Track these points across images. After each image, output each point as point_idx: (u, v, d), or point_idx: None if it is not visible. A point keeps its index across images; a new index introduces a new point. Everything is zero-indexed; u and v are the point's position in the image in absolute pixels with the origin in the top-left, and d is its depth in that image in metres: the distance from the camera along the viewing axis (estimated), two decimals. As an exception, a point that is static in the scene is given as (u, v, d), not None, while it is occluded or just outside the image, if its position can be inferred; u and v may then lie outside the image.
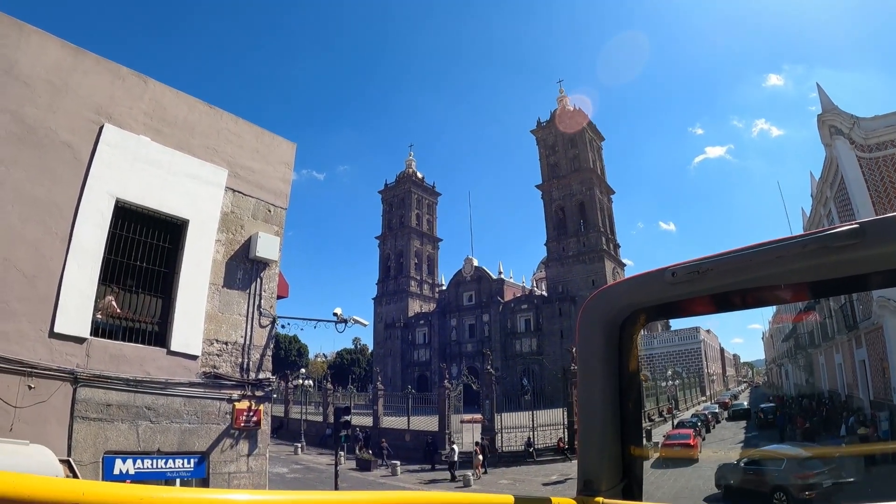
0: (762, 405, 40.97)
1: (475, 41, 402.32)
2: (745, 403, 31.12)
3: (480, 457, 34.41)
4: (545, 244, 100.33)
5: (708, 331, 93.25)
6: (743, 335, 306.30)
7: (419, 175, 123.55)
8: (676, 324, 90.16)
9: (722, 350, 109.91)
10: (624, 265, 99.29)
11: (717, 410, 49.40)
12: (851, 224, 1.20)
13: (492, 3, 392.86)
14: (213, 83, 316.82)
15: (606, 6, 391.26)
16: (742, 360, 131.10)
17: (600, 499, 1.59)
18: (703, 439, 34.56)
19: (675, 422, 43.77)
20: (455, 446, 35.03)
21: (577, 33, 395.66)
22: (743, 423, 29.18)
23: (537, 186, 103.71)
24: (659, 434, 35.95)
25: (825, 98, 25.53)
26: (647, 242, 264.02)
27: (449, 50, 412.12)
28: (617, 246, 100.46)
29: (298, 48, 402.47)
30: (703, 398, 76.68)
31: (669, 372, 65.56)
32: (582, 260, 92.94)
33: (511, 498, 1.72)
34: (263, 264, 12.43)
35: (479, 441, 36.50)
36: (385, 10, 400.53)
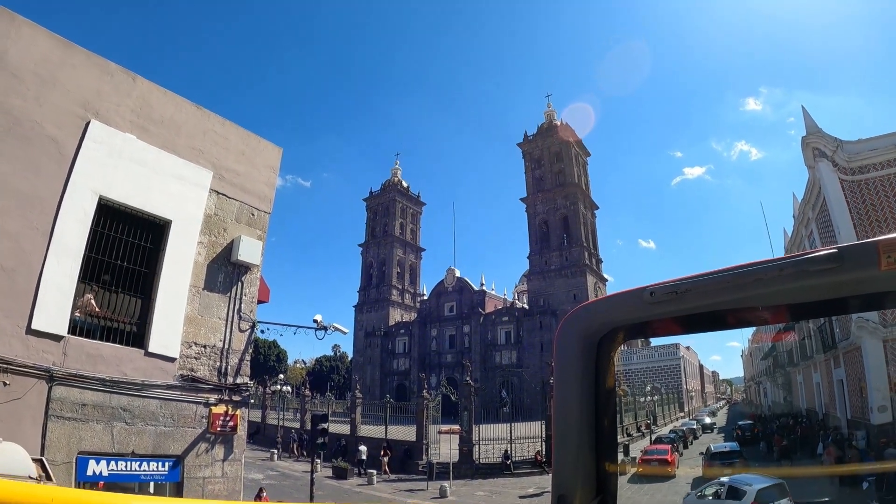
0: (740, 423, 41.27)
1: (462, 52, 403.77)
2: (734, 444, 30.30)
3: (385, 458, 38.31)
4: (528, 257, 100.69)
5: (687, 347, 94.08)
6: (722, 352, 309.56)
7: (404, 184, 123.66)
8: (656, 340, 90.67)
9: (701, 367, 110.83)
10: (606, 280, 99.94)
11: (695, 427, 49.69)
12: (829, 248, 1.21)
13: (479, 15, 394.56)
14: (197, 84, 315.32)
15: (591, 25, 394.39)
16: (721, 377, 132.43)
17: None
18: (681, 455, 34.75)
19: (653, 437, 43.97)
20: (363, 447, 40.20)
21: (562, 50, 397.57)
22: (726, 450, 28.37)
23: (522, 199, 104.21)
24: (637, 449, 36.10)
25: (809, 121, 25.94)
26: (628, 259, 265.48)
27: (436, 60, 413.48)
28: (599, 261, 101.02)
29: (285, 53, 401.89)
30: (682, 414, 77.28)
31: (648, 387, 65.96)
32: (564, 274, 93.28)
33: None
34: (245, 268, 12.37)
35: (384, 446, 39.96)
36: (371, 16, 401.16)
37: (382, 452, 39.10)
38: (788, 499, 17.08)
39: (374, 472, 35.94)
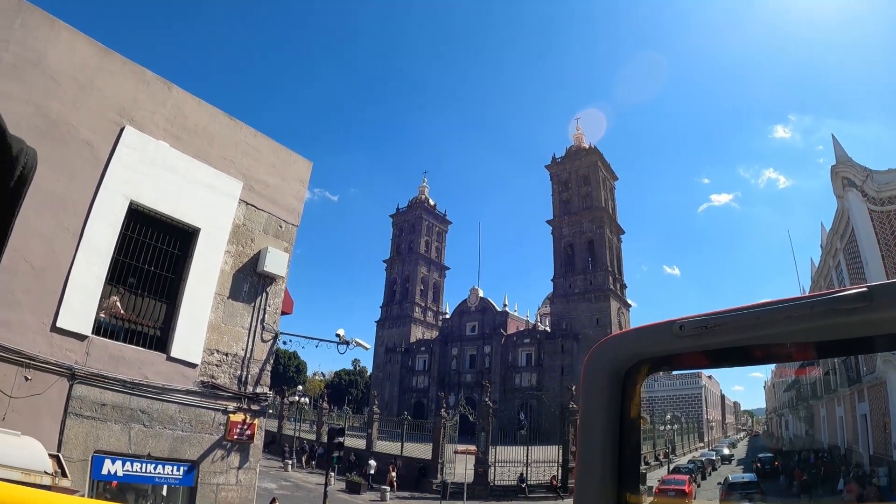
0: (760, 455, 40.53)
1: (493, 74, 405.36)
2: (752, 476, 30.04)
3: (393, 474, 38.17)
4: (552, 280, 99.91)
5: (709, 377, 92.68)
6: (744, 383, 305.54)
7: (431, 202, 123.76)
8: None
9: (723, 396, 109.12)
10: (629, 306, 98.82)
11: (714, 458, 48.83)
12: (860, 287, 1.21)
13: (511, 38, 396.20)
14: (232, 95, 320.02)
15: (621, 48, 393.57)
16: (742, 408, 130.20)
17: None
18: (699, 486, 34.18)
19: (671, 467, 43.32)
20: (372, 461, 40.69)
21: (592, 73, 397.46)
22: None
23: (548, 222, 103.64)
24: (654, 478, 35.57)
25: (839, 149, 25.57)
26: (651, 286, 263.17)
27: (466, 81, 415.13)
28: (623, 286, 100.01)
29: (321, 69, 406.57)
30: (701, 444, 75.99)
31: (668, 416, 64.90)
32: (587, 298, 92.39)
33: None
34: (270, 279, 12.47)
35: (392, 462, 40.13)
36: (405, 38, 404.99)
37: (391, 468, 39.01)
38: None
39: (388, 488, 35.77)
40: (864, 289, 1.20)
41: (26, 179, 1.27)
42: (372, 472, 39.37)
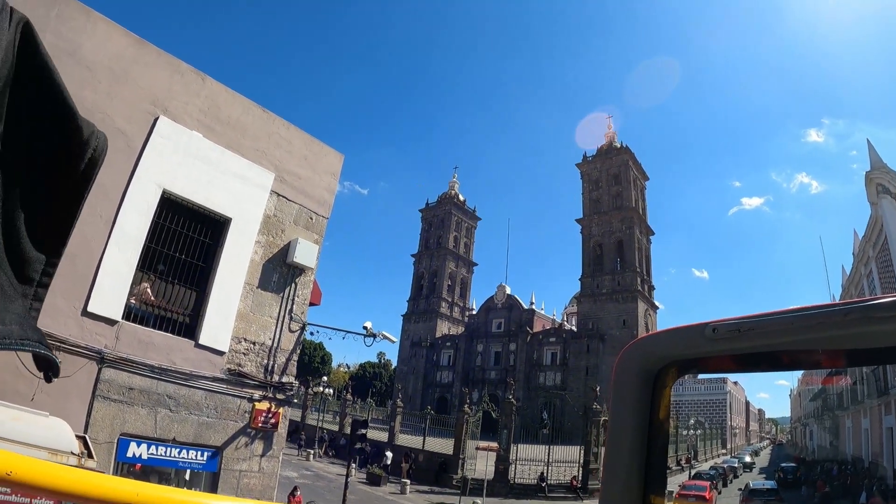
0: (783, 465, 40.07)
1: (523, 72, 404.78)
2: (773, 483, 30.41)
3: (405, 465, 38.96)
4: (580, 279, 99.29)
5: (735, 383, 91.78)
6: (770, 390, 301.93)
7: (461, 197, 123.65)
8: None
9: (747, 403, 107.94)
10: (657, 308, 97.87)
11: (736, 465, 48.30)
12: (894, 296, 1.21)
13: (547, 40, 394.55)
14: (266, 88, 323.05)
15: (657, 49, 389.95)
16: (766, 416, 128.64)
17: None
18: (719, 493, 33.86)
19: (693, 472, 42.93)
20: (389, 453, 41.57)
21: (626, 71, 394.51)
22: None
23: (577, 220, 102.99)
24: (675, 483, 35.30)
25: (874, 155, 25.01)
26: (680, 288, 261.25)
27: (497, 77, 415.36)
28: (651, 287, 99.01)
29: (357, 64, 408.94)
30: (724, 451, 75.22)
31: (692, 421, 64.33)
32: (615, 298, 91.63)
33: None
34: (299, 270, 12.57)
35: (406, 453, 40.75)
36: (441, 35, 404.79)
37: (403, 460, 39.29)
38: None
39: (407, 481, 35.93)
40: None
41: (97, 162, 1.32)
42: (388, 462, 39.84)
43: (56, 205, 1.39)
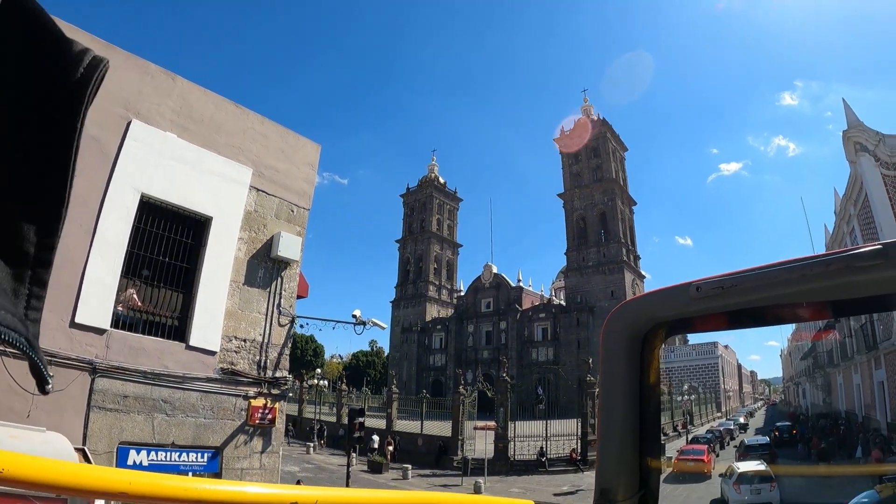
0: (778, 424, 40.69)
1: (497, 48, 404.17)
2: (765, 438, 32.74)
3: (391, 448, 40.25)
4: (565, 253, 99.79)
5: (726, 346, 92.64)
6: (760, 352, 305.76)
7: (441, 180, 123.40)
8: (694, 338, 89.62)
9: (739, 366, 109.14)
10: (644, 277, 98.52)
11: (731, 427, 49.00)
12: (875, 245, 1.21)
13: (518, 15, 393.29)
14: (237, 84, 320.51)
15: (621, 25, 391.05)
16: (759, 378, 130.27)
17: None
18: (717, 455, 34.31)
19: (689, 437, 43.43)
20: (375, 437, 41.94)
21: (599, 45, 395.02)
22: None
23: (559, 195, 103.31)
24: (673, 449, 35.71)
25: (851, 114, 25.17)
26: (665, 257, 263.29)
27: (470, 57, 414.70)
28: (637, 257, 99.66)
29: (323, 53, 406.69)
30: (719, 414, 76.17)
31: (685, 386, 65.02)
32: (601, 270, 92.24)
33: (531, 502, 1.74)
34: (284, 264, 12.51)
35: (389, 435, 42.31)
36: (407, 17, 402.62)
37: (387, 442, 39.86)
38: (770, 485, 18.69)
39: (409, 466, 36.12)
40: (880, 246, 1.19)
41: (88, 81, 1.06)
42: (375, 446, 40.81)
43: (45, 150, 1.06)
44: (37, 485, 0.90)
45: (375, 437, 41.69)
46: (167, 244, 10.56)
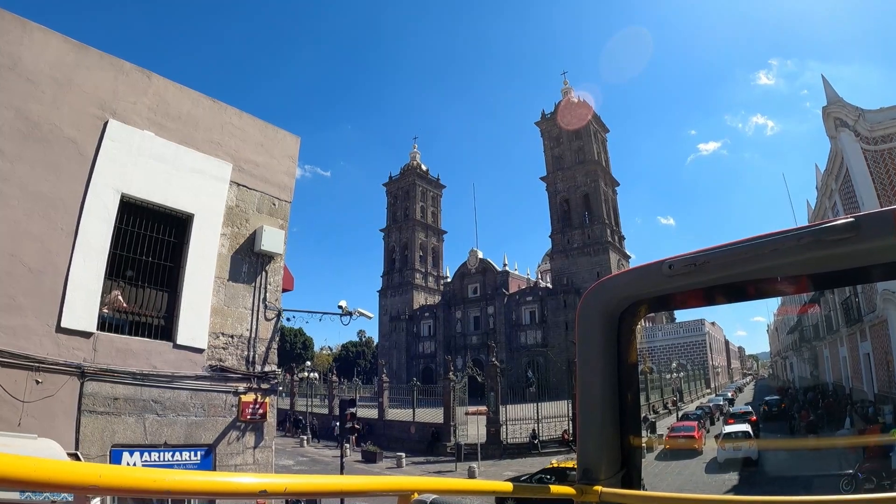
0: (767, 398, 41.15)
1: (475, 35, 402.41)
2: (747, 406, 34.99)
3: (354, 435, 37.69)
4: (550, 236, 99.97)
5: (713, 323, 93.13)
6: (747, 328, 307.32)
7: (423, 168, 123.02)
8: (681, 315, 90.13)
9: (727, 342, 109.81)
10: (629, 257, 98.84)
11: (721, 403, 49.54)
12: (846, 218, 1.22)
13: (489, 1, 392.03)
14: (214, 79, 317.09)
15: (596, 10, 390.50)
16: (747, 353, 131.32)
17: (599, 487, 1.62)
18: (708, 431, 34.67)
19: (680, 414, 43.81)
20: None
21: (575, 31, 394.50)
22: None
23: (542, 178, 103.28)
24: (663, 426, 36.02)
25: (830, 90, 25.31)
26: (648, 237, 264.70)
27: (448, 44, 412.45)
28: (622, 238, 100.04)
29: (299, 45, 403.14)
30: (708, 391, 76.75)
31: (674, 364, 65.48)
32: (587, 252, 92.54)
33: (510, 485, 1.76)
34: (268, 258, 12.46)
35: (359, 423, 40.56)
36: (384, 6, 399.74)
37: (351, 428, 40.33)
38: (749, 443, 20.00)
39: (403, 454, 36.23)
40: (852, 219, 1.21)
41: None
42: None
43: None
44: (4, 481, 0.91)
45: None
46: (150, 244, 10.48)
